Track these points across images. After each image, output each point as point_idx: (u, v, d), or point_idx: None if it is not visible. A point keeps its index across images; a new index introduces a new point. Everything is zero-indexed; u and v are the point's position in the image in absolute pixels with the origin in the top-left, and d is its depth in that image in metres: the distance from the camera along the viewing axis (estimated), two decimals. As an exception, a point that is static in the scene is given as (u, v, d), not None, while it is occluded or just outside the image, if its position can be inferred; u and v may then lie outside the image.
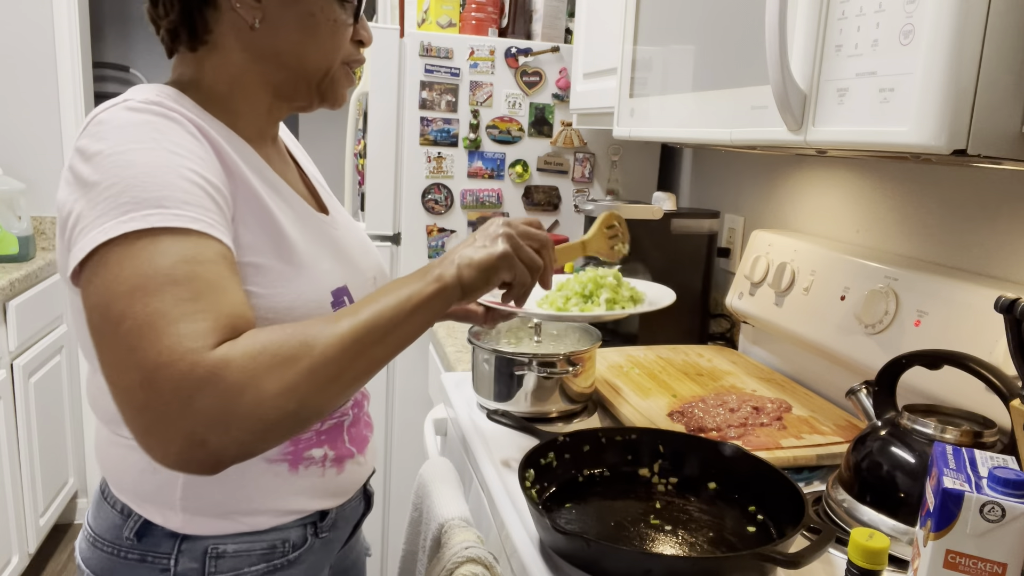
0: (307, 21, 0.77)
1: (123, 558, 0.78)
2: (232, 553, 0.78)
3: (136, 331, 0.57)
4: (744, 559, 0.72)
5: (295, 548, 0.82)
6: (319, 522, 0.85)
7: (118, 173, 0.63)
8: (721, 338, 1.72)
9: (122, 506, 0.78)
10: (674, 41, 1.14)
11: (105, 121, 0.67)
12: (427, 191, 1.90)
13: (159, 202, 0.62)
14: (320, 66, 0.80)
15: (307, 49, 0.79)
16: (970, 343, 0.94)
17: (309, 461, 0.82)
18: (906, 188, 1.23)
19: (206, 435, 0.57)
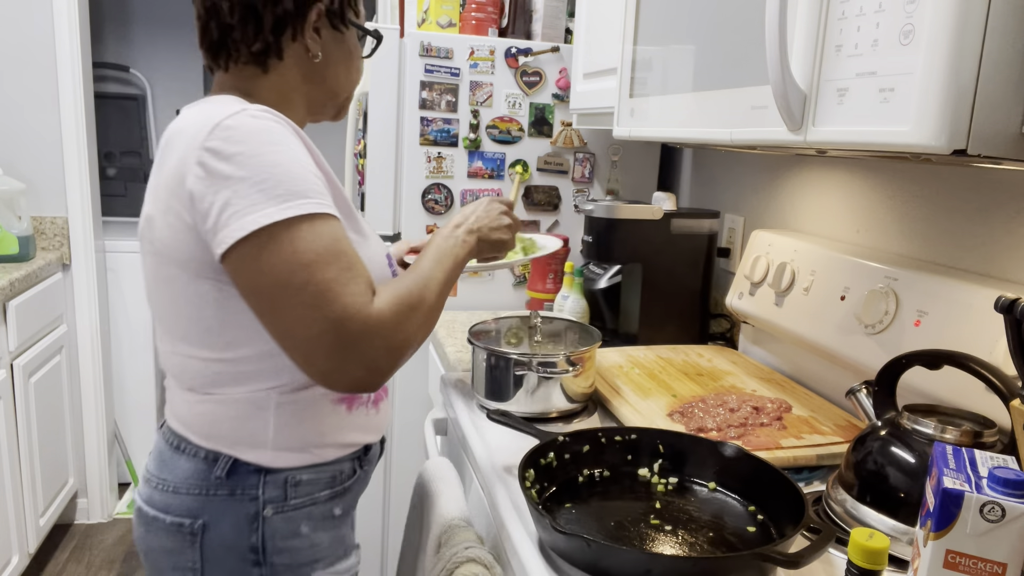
0: (347, 55, 1.00)
1: (212, 495, 0.92)
2: (306, 481, 0.95)
3: (319, 294, 0.79)
4: (744, 559, 0.72)
5: (348, 478, 1.00)
6: (363, 456, 1.03)
7: (267, 170, 0.80)
8: (721, 338, 1.72)
9: (206, 453, 0.93)
10: (674, 41, 1.14)
11: (234, 127, 0.82)
12: (427, 191, 1.90)
13: (305, 194, 0.81)
14: (349, 89, 1.02)
15: (346, 76, 1.01)
16: (970, 343, 0.94)
17: (359, 402, 0.99)
18: (906, 188, 1.23)
19: (380, 364, 0.82)
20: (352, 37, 1.00)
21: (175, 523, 0.92)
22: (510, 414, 1.08)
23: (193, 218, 0.82)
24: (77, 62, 2.50)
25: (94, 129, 2.66)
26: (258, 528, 0.92)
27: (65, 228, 2.58)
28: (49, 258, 2.46)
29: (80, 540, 2.66)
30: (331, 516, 0.98)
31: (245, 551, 0.92)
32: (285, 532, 0.93)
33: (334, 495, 0.98)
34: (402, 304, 0.84)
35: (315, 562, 0.96)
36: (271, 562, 0.93)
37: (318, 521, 0.96)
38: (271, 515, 0.92)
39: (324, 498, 0.97)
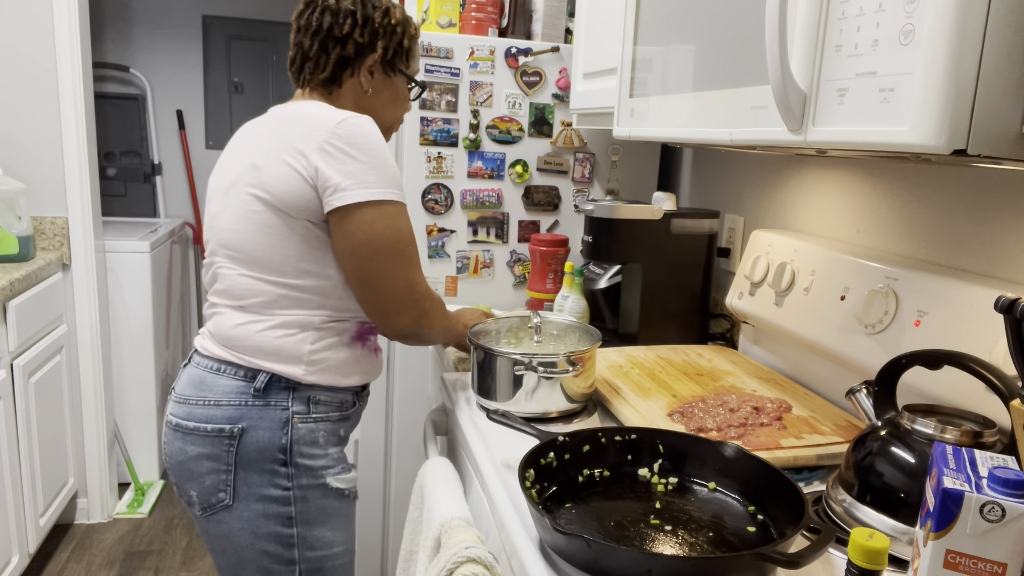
0: (394, 96, 1.29)
1: (250, 405, 1.15)
2: (324, 401, 1.19)
3: (409, 260, 1.17)
4: (744, 559, 0.72)
5: (351, 407, 1.25)
6: (360, 392, 1.29)
7: (383, 163, 1.13)
8: (721, 338, 1.72)
9: (246, 371, 1.16)
10: (674, 41, 1.14)
11: (358, 125, 1.12)
12: (427, 191, 1.90)
13: (401, 188, 1.16)
14: (390, 120, 1.31)
15: (390, 111, 1.30)
16: (970, 343, 0.94)
17: (367, 344, 1.26)
18: (906, 188, 1.23)
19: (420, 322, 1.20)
20: (401, 82, 1.28)
21: (216, 429, 1.14)
22: (510, 414, 1.08)
23: (312, 178, 1.10)
24: (77, 62, 2.50)
25: (94, 129, 2.66)
26: (288, 432, 1.15)
27: (65, 228, 2.58)
28: (49, 258, 2.46)
29: (80, 540, 2.66)
30: (338, 434, 1.22)
31: (275, 452, 1.14)
32: (308, 439, 1.17)
33: (342, 418, 1.22)
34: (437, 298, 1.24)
35: (328, 468, 1.19)
36: (296, 462, 1.16)
37: (330, 435, 1.20)
38: (298, 423, 1.16)
39: (335, 418, 1.21)
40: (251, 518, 1.16)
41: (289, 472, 1.16)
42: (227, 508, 1.16)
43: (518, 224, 1.97)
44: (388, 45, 1.24)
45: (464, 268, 1.96)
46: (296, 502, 1.17)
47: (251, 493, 1.15)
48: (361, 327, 1.23)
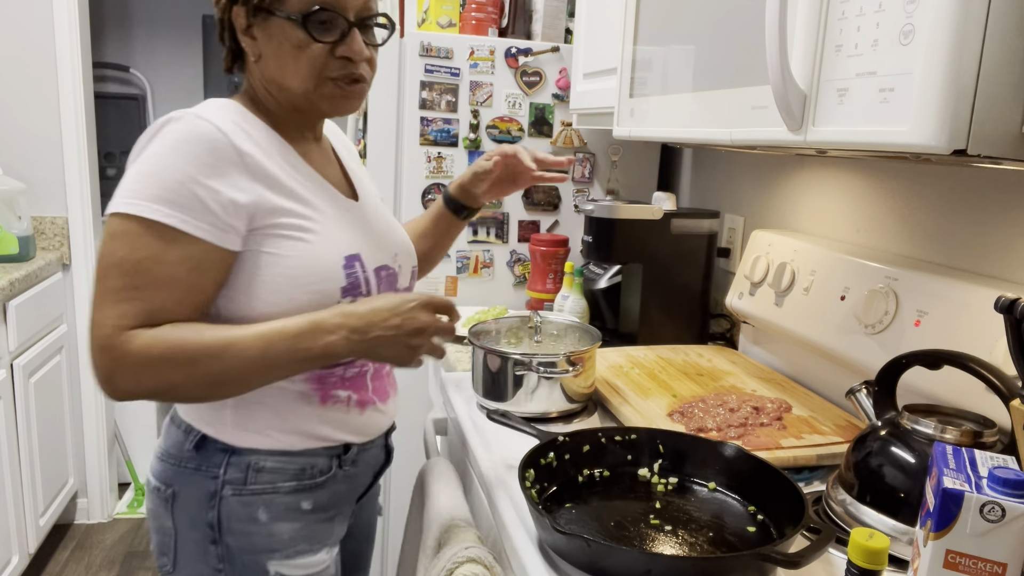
0: (281, 51, 0.91)
1: (183, 467, 0.96)
2: (269, 468, 0.95)
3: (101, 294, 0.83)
4: (744, 559, 0.72)
5: (322, 474, 0.99)
6: (343, 455, 1.01)
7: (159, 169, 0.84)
8: (721, 338, 1.72)
9: (186, 425, 0.97)
10: (674, 41, 1.14)
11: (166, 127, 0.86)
12: (427, 191, 1.90)
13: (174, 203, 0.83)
14: (300, 87, 0.92)
15: (284, 75, 0.92)
16: (970, 343, 0.94)
17: (335, 400, 0.99)
18: (906, 188, 1.23)
19: (108, 385, 0.82)
20: (290, 29, 0.89)
21: (156, 487, 0.98)
22: (510, 414, 1.08)
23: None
24: (77, 62, 2.50)
25: (94, 129, 2.66)
26: (215, 507, 0.94)
27: (65, 228, 2.58)
28: (49, 258, 2.46)
29: (80, 540, 2.66)
30: (296, 508, 0.97)
31: (204, 526, 0.95)
32: (241, 515, 0.95)
33: (302, 488, 0.97)
34: (155, 351, 0.81)
35: (272, 551, 0.96)
36: (226, 542, 0.95)
37: (279, 511, 0.96)
38: (229, 496, 0.94)
39: (288, 489, 0.96)
40: None
41: (220, 552, 0.96)
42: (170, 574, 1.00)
43: (518, 224, 1.97)
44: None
45: (464, 268, 1.96)
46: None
47: (188, 565, 0.98)
48: (315, 381, 0.96)
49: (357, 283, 0.94)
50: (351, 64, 0.93)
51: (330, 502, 1.01)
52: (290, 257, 0.90)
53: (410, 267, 1.10)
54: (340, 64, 0.92)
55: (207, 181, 0.84)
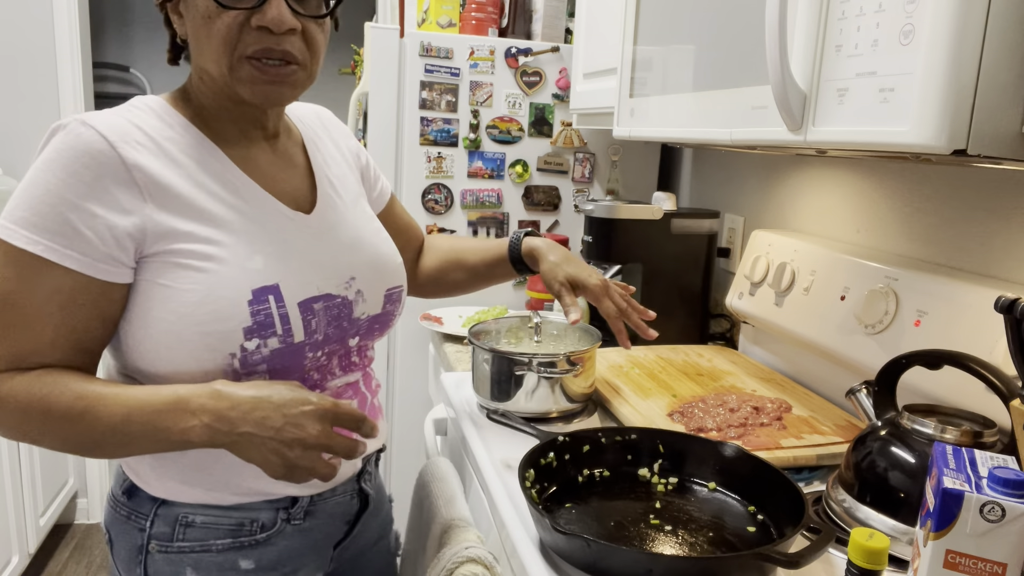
0: (197, 27, 0.78)
1: (118, 513, 0.88)
2: (200, 524, 0.84)
3: None
4: (744, 559, 0.72)
5: (264, 529, 0.87)
6: (290, 508, 0.88)
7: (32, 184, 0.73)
8: (721, 338, 1.72)
9: (119, 467, 0.89)
10: (674, 41, 1.14)
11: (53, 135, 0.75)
12: (427, 191, 1.90)
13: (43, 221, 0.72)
14: (215, 68, 0.79)
15: (202, 53, 0.79)
16: (970, 343, 0.94)
17: None
18: (906, 188, 1.23)
19: None
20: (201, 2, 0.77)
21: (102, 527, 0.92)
22: (510, 414, 1.08)
23: None
24: (77, 62, 2.50)
25: (94, 129, 2.66)
26: (142, 562, 0.85)
27: (65, 228, 2.58)
28: (49, 258, 2.45)
29: (80, 540, 2.66)
30: (233, 568, 0.85)
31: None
32: (167, 573, 0.84)
33: (239, 546, 0.85)
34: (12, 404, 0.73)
35: None
36: None
37: (212, 571, 0.85)
38: (155, 552, 0.84)
39: (222, 547, 0.85)
40: None
41: None
42: None
43: (518, 224, 1.97)
44: None
45: (464, 268, 1.96)
46: None
47: None
48: None
49: (268, 322, 0.79)
50: (270, 37, 0.77)
51: (279, 560, 0.88)
52: (185, 291, 0.77)
53: (384, 289, 0.94)
54: (256, 37, 0.77)
55: (82, 203, 0.72)
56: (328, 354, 0.88)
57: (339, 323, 0.88)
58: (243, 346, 0.78)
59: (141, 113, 0.80)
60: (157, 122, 0.80)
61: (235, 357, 0.78)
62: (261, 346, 0.79)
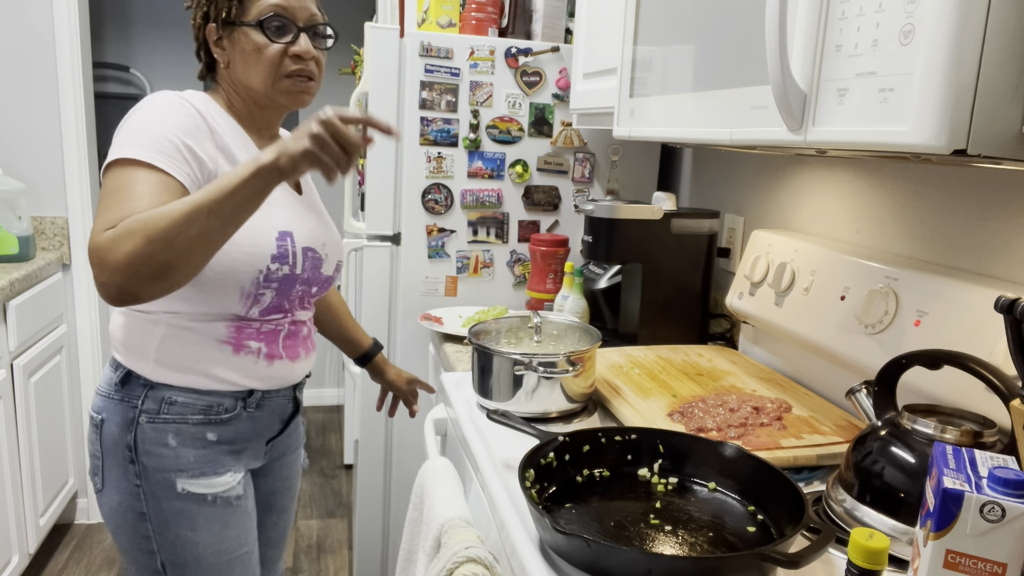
0: (245, 55, 1.13)
1: (110, 399, 1.15)
2: (180, 403, 1.13)
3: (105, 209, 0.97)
4: (744, 559, 0.72)
5: (227, 412, 1.17)
6: (247, 397, 1.19)
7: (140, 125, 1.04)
8: (721, 338, 1.72)
9: (116, 363, 1.16)
10: (674, 41, 1.14)
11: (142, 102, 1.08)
12: (427, 191, 1.90)
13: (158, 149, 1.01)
14: (261, 85, 1.13)
15: (248, 75, 1.13)
16: (970, 343, 0.94)
17: (247, 350, 1.16)
18: (906, 188, 1.23)
19: (99, 277, 0.92)
20: (249, 35, 1.11)
21: (91, 416, 1.17)
22: (510, 414, 1.08)
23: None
24: (77, 62, 2.50)
25: (94, 129, 2.66)
26: (133, 431, 1.13)
27: (65, 228, 2.58)
28: (49, 258, 2.46)
29: (80, 540, 2.66)
30: (202, 438, 1.15)
31: (124, 448, 1.13)
32: (153, 439, 1.13)
33: (208, 422, 1.15)
34: (120, 231, 0.91)
35: (179, 471, 1.14)
36: (140, 461, 1.13)
37: (186, 438, 1.14)
38: (144, 423, 1.12)
39: (196, 421, 1.14)
40: (114, 507, 1.16)
41: (137, 470, 1.14)
42: (99, 493, 1.17)
43: (518, 224, 1.97)
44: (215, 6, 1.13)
45: (464, 268, 1.96)
46: (147, 499, 1.14)
47: (113, 483, 1.15)
48: (234, 330, 1.14)
49: (286, 254, 1.13)
50: (302, 62, 1.13)
51: (235, 437, 1.18)
52: None
53: (336, 260, 1.27)
54: (293, 62, 1.13)
55: (184, 138, 1.04)
56: (303, 291, 1.20)
57: (315, 270, 1.21)
58: (268, 267, 1.11)
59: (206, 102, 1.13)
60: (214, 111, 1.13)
61: (261, 272, 1.10)
62: (279, 269, 1.12)
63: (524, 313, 1.47)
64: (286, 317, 1.21)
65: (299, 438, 1.40)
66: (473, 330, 1.28)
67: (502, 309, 1.86)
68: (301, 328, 1.26)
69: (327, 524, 2.93)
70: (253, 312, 1.15)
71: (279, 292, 1.15)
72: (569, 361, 1.17)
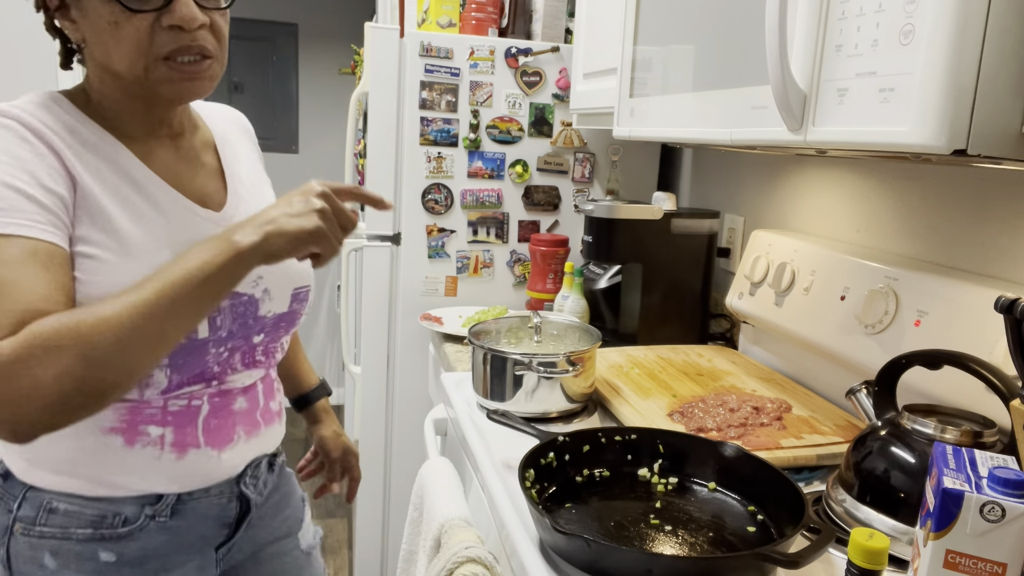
0: (101, 33, 0.79)
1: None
2: (62, 511, 0.84)
3: None
4: (744, 559, 0.72)
5: (126, 523, 0.86)
6: (155, 504, 0.88)
7: None
8: (721, 338, 1.72)
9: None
10: (674, 41, 1.14)
11: None
12: (427, 191, 1.90)
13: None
14: (131, 70, 0.79)
15: (112, 58, 0.80)
16: (970, 343, 0.94)
17: (145, 439, 0.85)
18: (906, 188, 1.23)
19: (4, 413, 0.66)
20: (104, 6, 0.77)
21: None
22: (510, 414, 1.08)
23: None
24: (77, 62, 2.50)
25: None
26: (5, 543, 0.85)
27: (65, 228, 2.58)
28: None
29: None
30: (94, 559, 0.85)
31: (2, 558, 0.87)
32: (27, 557, 0.84)
33: (100, 538, 0.85)
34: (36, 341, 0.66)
35: None
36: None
37: (69, 559, 0.85)
38: (18, 533, 0.85)
39: (82, 537, 0.85)
40: None
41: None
42: None
43: (518, 224, 1.98)
44: None
45: (464, 268, 1.96)
46: None
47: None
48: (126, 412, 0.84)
49: None
50: (183, 35, 0.78)
51: (145, 555, 0.87)
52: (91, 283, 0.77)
53: (291, 288, 0.95)
54: (171, 37, 0.78)
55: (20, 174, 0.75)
56: (231, 350, 0.89)
57: (244, 320, 0.89)
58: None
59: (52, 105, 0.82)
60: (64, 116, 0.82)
61: None
62: None
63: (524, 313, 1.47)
64: (208, 387, 0.89)
65: (290, 523, 1.07)
66: (473, 330, 1.28)
67: (502, 309, 1.86)
68: (235, 398, 0.92)
69: (327, 524, 2.93)
70: (149, 394, 0.84)
71: (181, 366, 0.84)
72: (569, 361, 1.17)
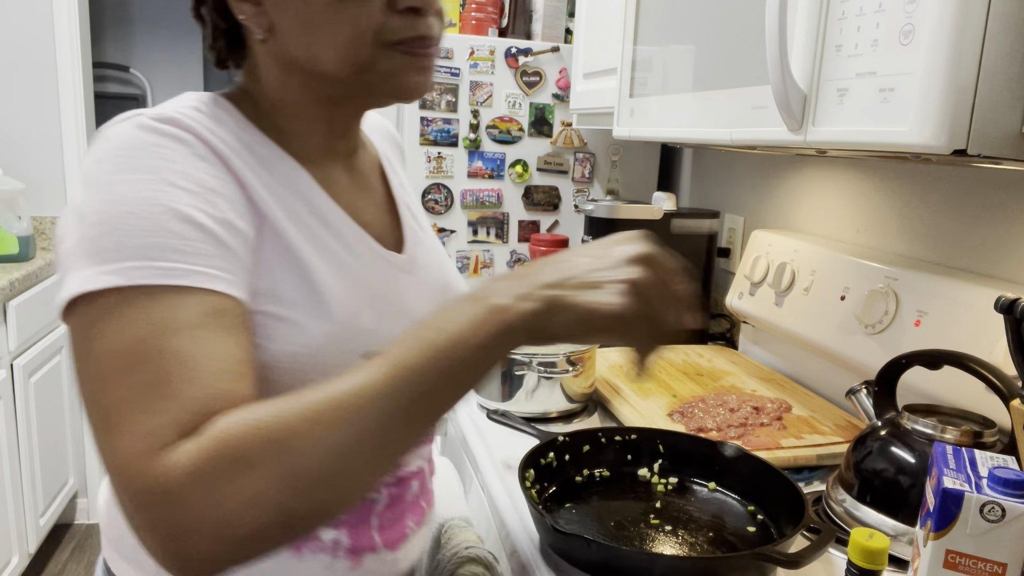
0: (308, 14, 0.62)
1: None
2: None
3: (101, 422, 0.50)
4: (744, 559, 0.72)
5: None
6: None
7: (106, 209, 0.53)
8: (721, 338, 1.72)
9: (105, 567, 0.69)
10: (674, 41, 1.14)
11: (109, 139, 0.57)
12: (427, 191, 1.90)
13: (143, 252, 0.52)
14: (345, 65, 0.63)
15: (318, 48, 0.63)
16: (970, 343, 0.94)
17: (316, 544, 0.67)
18: (906, 188, 1.23)
19: (172, 546, 0.47)
20: None
21: None
22: (510, 414, 1.08)
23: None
24: (77, 62, 2.50)
25: (94, 129, 2.66)
26: None
27: (65, 228, 2.58)
28: (49, 258, 2.45)
29: (80, 540, 2.66)
30: None
31: None
32: None
33: None
34: (225, 453, 0.47)
35: None
36: None
37: None
38: None
39: None
40: None
41: None
42: None
43: (518, 224, 1.97)
44: None
45: (464, 268, 1.96)
46: None
47: None
48: None
49: None
50: (419, 20, 0.63)
51: None
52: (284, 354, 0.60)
53: None
54: (406, 23, 0.63)
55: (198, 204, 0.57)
56: None
57: None
58: None
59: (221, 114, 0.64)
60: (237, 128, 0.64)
61: None
62: None
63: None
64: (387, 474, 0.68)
65: None
66: (473, 330, 1.28)
67: None
68: (409, 484, 0.76)
69: (327, 524, 2.93)
70: None
71: None
72: (569, 361, 1.17)
